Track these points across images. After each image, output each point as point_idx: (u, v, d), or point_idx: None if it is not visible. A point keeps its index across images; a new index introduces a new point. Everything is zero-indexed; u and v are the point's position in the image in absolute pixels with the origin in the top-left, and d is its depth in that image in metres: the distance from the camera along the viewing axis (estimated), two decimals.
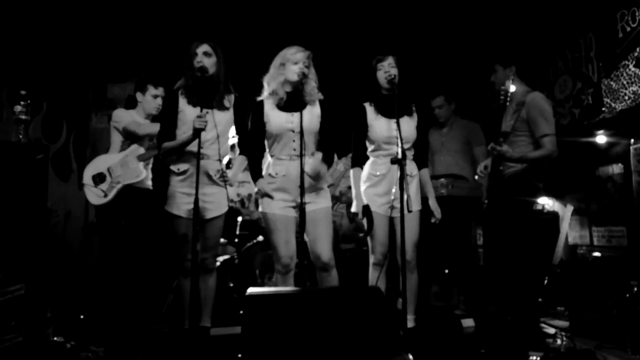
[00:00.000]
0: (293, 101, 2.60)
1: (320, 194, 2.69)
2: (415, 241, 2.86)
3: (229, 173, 2.79)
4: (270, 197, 2.60)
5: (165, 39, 4.38)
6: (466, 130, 3.95)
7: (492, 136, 3.30)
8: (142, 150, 3.23)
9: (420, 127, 2.93)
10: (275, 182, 2.64)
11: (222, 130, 2.72)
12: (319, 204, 2.67)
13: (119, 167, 3.22)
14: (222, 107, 2.75)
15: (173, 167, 2.76)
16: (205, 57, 2.67)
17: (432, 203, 2.93)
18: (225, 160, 2.83)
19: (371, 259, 2.91)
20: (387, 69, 2.80)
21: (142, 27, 4.37)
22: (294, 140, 2.60)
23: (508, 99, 2.77)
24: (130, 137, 3.26)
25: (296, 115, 2.55)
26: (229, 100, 2.81)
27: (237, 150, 2.86)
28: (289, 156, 2.63)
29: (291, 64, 2.61)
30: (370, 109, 2.91)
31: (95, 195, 3.19)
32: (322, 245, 2.64)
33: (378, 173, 2.87)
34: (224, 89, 2.76)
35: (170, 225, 2.75)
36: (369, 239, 2.92)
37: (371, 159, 2.95)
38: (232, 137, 2.89)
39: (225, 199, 2.74)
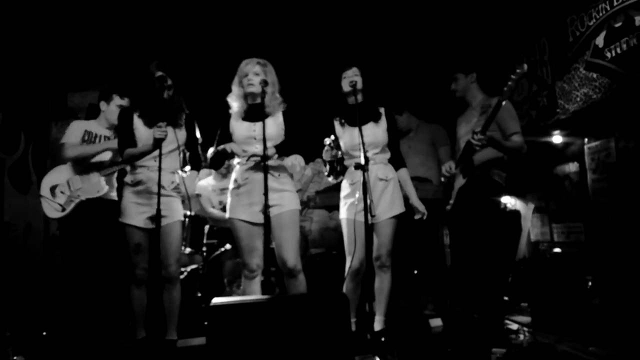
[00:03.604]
0: (255, 112, 2.65)
1: (286, 197, 2.69)
2: (389, 244, 2.88)
3: (183, 188, 2.83)
4: (230, 152, 2.62)
5: (127, 46, 4.30)
6: (431, 133, 4.02)
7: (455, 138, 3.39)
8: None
9: (390, 129, 2.95)
10: (240, 189, 2.66)
11: (175, 146, 2.76)
12: (285, 207, 2.67)
13: (79, 180, 3.14)
14: (176, 125, 2.81)
15: (126, 179, 2.80)
16: (162, 78, 2.66)
17: (414, 200, 2.94)
18: (180, 174, 2.85)
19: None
20: (350, 77, 2.86)
21: (103, 34, 4.27)
22: (256, 147, 2.62)
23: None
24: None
25: (258, 124, 2.58)
26: (181, 118, 2.86)
27: (189, 167, 2.90)
28: (253, 162, 2.65)
29: (245, 76, 2.67)
30: (337, 122, 2.98)
31: (52, 209, 3.09)
32: (287, 250, 2.64)
33: (352, 182, 2.91)
34: (178, 108, 2.84)
35: (123, 235, 2.74)
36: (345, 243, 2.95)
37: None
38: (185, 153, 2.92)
39: (180, 206, 2.82)
